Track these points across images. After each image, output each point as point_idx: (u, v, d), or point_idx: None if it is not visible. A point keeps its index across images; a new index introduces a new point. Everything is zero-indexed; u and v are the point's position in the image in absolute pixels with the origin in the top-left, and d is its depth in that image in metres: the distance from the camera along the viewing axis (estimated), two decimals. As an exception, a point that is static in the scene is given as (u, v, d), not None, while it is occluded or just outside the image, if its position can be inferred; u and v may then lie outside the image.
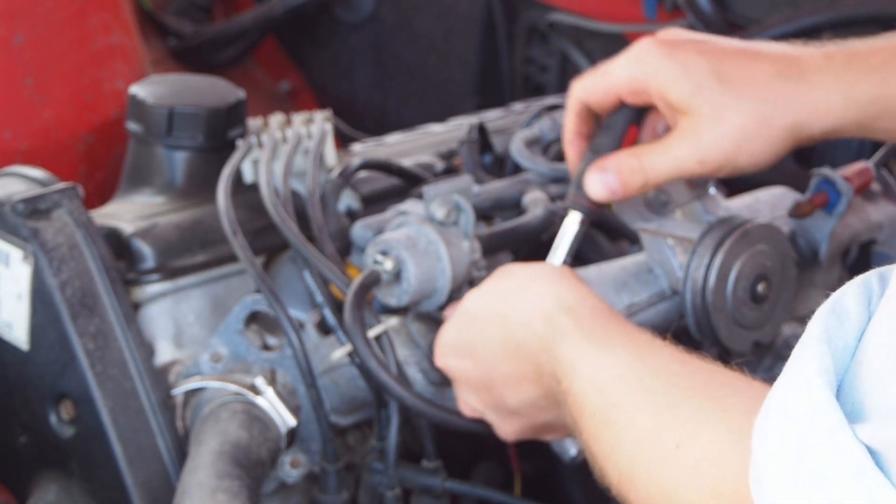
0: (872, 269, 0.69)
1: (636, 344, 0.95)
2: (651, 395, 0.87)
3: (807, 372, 0.65)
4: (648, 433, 0.85)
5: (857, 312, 0.66)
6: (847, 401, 0.63)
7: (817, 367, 0.64)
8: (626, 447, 0.87)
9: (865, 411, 0.63)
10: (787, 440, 0.64)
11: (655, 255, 1.20)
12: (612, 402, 0.90)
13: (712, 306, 1.15)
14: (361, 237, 1.23)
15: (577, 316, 1.00)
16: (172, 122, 1.29)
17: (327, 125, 1.34)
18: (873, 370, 0.63)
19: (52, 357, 1.15)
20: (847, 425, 0.62)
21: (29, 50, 1.66)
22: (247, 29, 2.21)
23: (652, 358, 0.93)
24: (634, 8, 1.78)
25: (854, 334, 0.66)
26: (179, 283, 1.23)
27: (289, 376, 1.20)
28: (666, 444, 0.82)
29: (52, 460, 1.19)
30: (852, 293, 0.67)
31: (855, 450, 0.61)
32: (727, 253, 1.14)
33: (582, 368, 0.95)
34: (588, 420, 0.92)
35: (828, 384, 0.64)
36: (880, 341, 0.64)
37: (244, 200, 1.26)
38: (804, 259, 1.26)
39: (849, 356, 0.65)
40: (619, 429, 0.88)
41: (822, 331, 0.66)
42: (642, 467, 0.84)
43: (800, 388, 0.65)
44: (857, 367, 0.65)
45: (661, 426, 0.84)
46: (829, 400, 0.63)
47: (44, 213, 1.16)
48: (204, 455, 1.06)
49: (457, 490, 1.21)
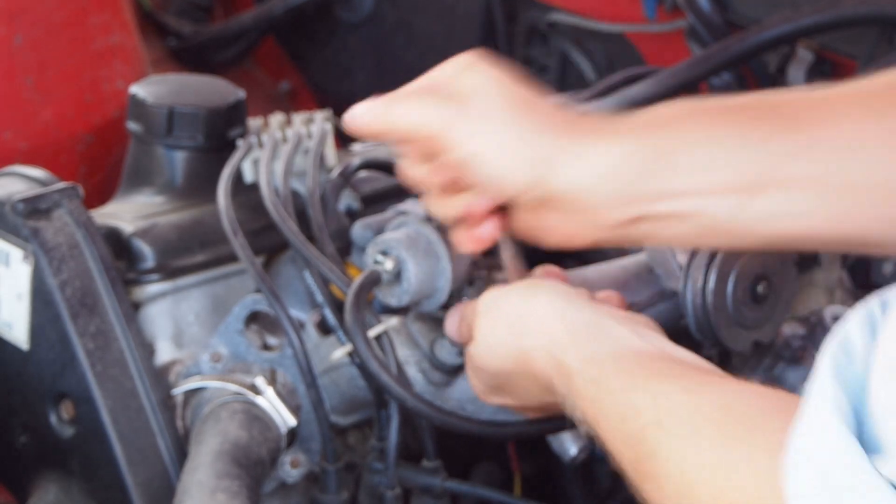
0: (873, 297, 0.69)
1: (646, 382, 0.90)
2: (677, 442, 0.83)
3: (822, 413, 0.66)
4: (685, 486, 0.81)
5: (862, 345, 0.67)
6: (868, 435, 0.64)
7: (831, 408, 0.65)
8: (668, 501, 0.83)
9: (883, 444, 0.64)
10: (813, 483, 0.65)
11: (655, 255, 1.20)
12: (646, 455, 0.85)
13: (712, 306, 1.15)
14: (361, 237, 1.23)
15: (584, 373, 0.95)
16: (172, 121, 1.29)
17: (327, 125, 1.34)
18: (881, 404, 0.64)
19: (53, 357, 1.15)
20: (868, 462, 0.63)
21: (29, 50, 1.66)
22: (247, 29, 2.21)
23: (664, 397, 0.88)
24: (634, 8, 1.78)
25: (863, 367, 0.67)
26: (179, 283, 1.23)
27: (289, 376, 1.20)
28: (704, 498, 0.78)
29: (52, 460, 1.19)
30: (856, 324, 0.68)
31: (879, 486, 0.62)
32: (727, 253, 1.14)
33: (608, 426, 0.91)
34: (632, 474, 0.87)
35: (843, 422, 0.65)
36: (883, 375, 0.65)
37: (244, 200, 1.26)
38: (804, 259, 1.26)
39: (861, 389, 0.66)
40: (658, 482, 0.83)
41: (831, 367, 0.67)
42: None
43: (817, 430, 0.66)
44: (869, 399, 0.65)
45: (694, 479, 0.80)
46: (847, 438, 0.64)
47: (44, 213, 1.16)
48: (204, 455, 1.06)
49: (457, 490, 1.21)
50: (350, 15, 2.22)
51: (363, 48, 2.22)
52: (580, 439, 1.19)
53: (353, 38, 2.23)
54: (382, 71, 2.22)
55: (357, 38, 2.23)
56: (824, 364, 0.67)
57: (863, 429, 0.65)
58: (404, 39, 2.17)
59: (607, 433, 0.91)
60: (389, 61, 2.20)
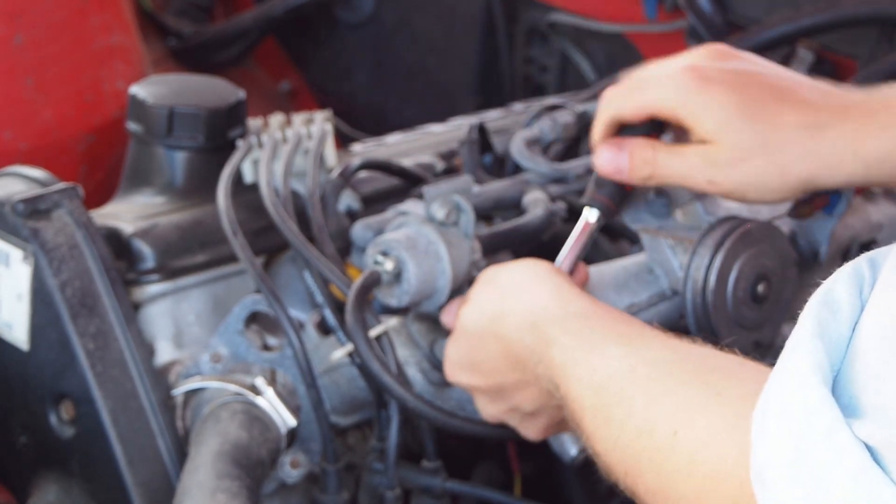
0: (861, 255, 0.68)
1: (625, 337, 0.97)
2: (645, 385, 0.88)
3: (801, 368, 0.65)
4: (647, 423, 0.85)
5: (848, 303, 0.66)
6: (843, 394, 0.63)
7: (811, 364, 0.64)
8: (627, 440, 0.87)
9: (862, 407, 0.63)
10: (786, 438, 0.64)
11: (656, 255, 1.20)
12: (610, 400, 0.91)
13: (712, 306, 1.15)
14: (361, 237, 1.23)
15: (563, 322, 1.02)
16: (172, 122, 1.29)
17: (327, 125, 1.34)
18: (868, 365, 0.63)
19: (53, 357, 1.15)
20: (845, 423, 0.61)
21: (29, 50, 1.66)
22: (247, 29, 2.21)
23: (643, 348, 0.94)
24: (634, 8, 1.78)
25: (847, 325, 0.65)
26: (179, 284, 1.23)
27: (289, 376, 1.20)
28: (664, 432, 0.83)
29: (53, 460, 1.19)
30: (843, 282, 0.67)
31: (854, 448, 0.61)
32: (727, 253, 1.14)
33: (575, 373, 0.97)
34: (589, 421, 0.93)
35: (823, 381, 0.63)
36: (874, 335, 0.64)
37: (244, 201, 1.26)
38: (804, 259, 1.26)
39: (843, 348, 0.65)
40: (618, 424, 0.89)
41: (814, 324, 0.66)
42: (645, 458, 0.84)
43: (795, 385, 0.65)
44: (852, 360, 0.64)
45: (658, 416, 0.85)
46: (825, 398, 0.63)
47: (44, 214, 1.16)
48: (204, 455, 1.06)
49: (457, 490, 1.21)
50: (350, 15, 2.22)
51: (363, 48, 2.23)
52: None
53: (354, 39, 2.24)
54: (382, 71, 2.22)
55: (357, 39, 2.23)
56: (807, 319, 0.66)
57: (840, 389, 0.64)
58: (404, 40, 2.18)
59: (572, 383, 0.96)
60: (389, 61, 2.21)
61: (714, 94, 1.07)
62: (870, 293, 0.66)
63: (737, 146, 1.06)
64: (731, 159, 1.06)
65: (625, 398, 0.89)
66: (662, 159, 1.09)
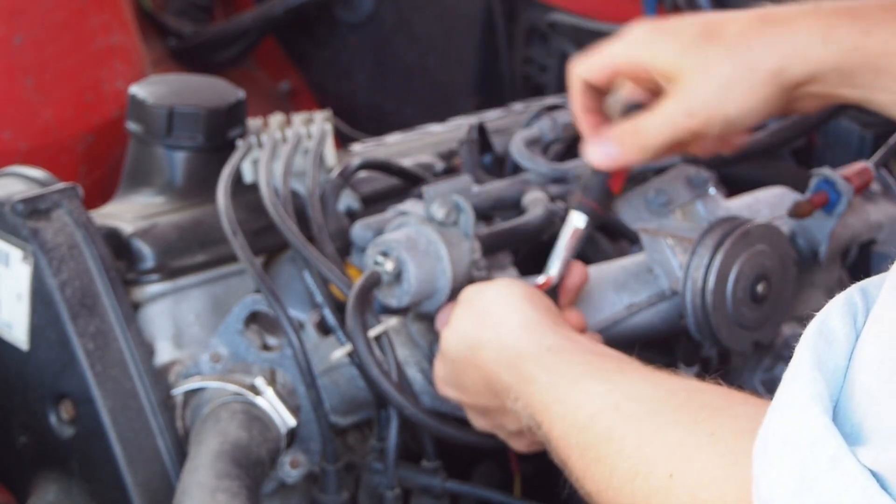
0: (852, 286, 0.68)
1: (605, 371, 0.96)
2: (635, 425, 0.87)
3: (802, 399, 0.64)
4: (641, 465, 0.84)
5: (843, 333, 0.66)
6: (844, 424, 0.63)
7: (811, 394, 0.64)
8: (620, 482, 0.86)
9: (864, 433, 0.62)
10: (790, 470, 0.64)
11: (655, 255, 1.20)
12: (598, 439, 0.90)
13: (712, 306, 1.15)
14: (361, 237, 1.23)
15: (539, 359, 1.01)
16: (172, 122, 1.29)
17: (327, 125, 1.34)
18: (868, 392, 0.63)
19: (52, 357, 1.15)
20: (848, 451, 0.61)
21: (29, 50, 1.66)
22: (247, 29, 2.21)
23: (624, 383, 0.92)
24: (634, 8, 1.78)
25: (843, 355, 0.65)
26: (179, 283, 1.23)
27: (288, 376, 1.20)
28: (659, 475, 0.82)
29: (52, 460, 1.19)
30: (837, 313, 0.67)
31: (859, 475, 0.60)
32: (727, 253, 1.14)
33: (558, 411, 0.96)
34: (576, 460, 0.92)
35: (824, 410, 0.63)
36: (871, 362, 0.64)
37: (244, 200, 1.26)
38: (804, 259, 1.26)
39: (841, 378, 0.65)
40: (610, 465, 0.87)
41: (811, 355, 0.66)
42: (641, 500, 0.83)
43: (796, 416, 0.64)
44: (851, 388, 0.64)
45: (652, 458, 0.83)
46: (828, 427, 0.62)
47: (44, 213, 1.16)
48: (204, 455, 1.06)
49: (457, 490, 1.21)
50: (350, 15, 2.22)
51: (363, 48, 2.22)
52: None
53: (353, 39, 2.24)
54: (382, 71, 2.22)
55: (357, 39, 2.23)
56: (803, 351, 0.66)
57: (841, 418, 0.64)
58: (404, 39, 2.18)
59: (555, 422, 0.95)
60: (389, 61, 2.21)
61: (669, 30, 1.09)
62: (864, 322, 0.66)
63: (699, 63, 1.06)
64: (697, 78, 1.06)
65: (614, 437, 0.88)
66: (643, 124, 1.09)
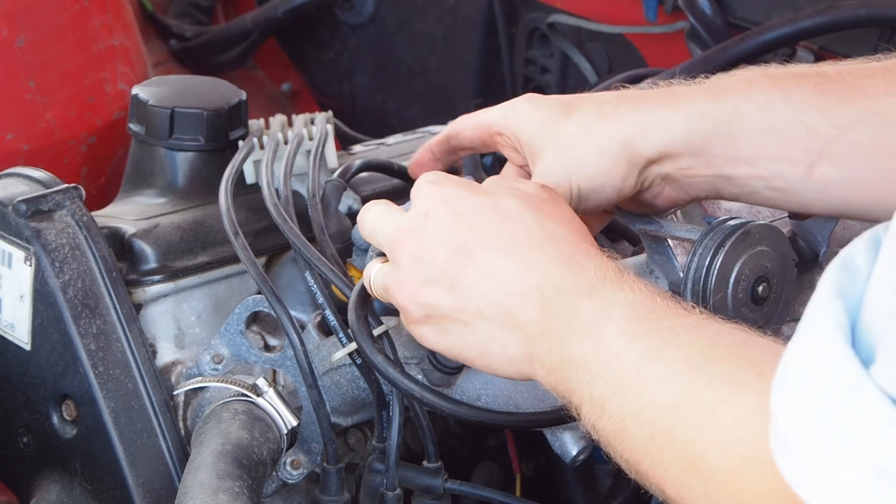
0: (877, 224, 0.68)
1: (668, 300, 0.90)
2: (689, 350, 0.82)
3: (823, 329, 0.64)
4: (686, 391, 0.80)
5: (866, 266, 0.66)
6: (862, 348, 0.63)
7: (833, 323, 0.64)
8: (661, 405, 0.81)
9: (879, 353, 0.62)
10: (809, 399, 0.64)
11: (656, 256, 1.20)
12: (646, 356, 0.84)
13: (712, 308, 1.15)
14: (362, 238, 1.23)
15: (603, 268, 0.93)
16: (174, 123, 1.29)
17: (328, 126, 1.34)
18: (885, 310, 0.63)
19: (55, 357, 1.15)
20: (867, 377, 0.61)
21: (31, 52, 1.66)
22: (248, 30, 2.21)
23: (686, 314, 0.88)
24: (635, 9, 1.78)
25: (865, 287, 0.65)
26: (181, 284, 1.23)
27: (290, 377, 1.20)
28: (703, 404, 0.78)
29: (55, 460, 1.19)
30: (861, 248, 0.67)
31: (879, 401, 0.60)
32: (727, 254, 1.14)
33: (613, 314, 0.88)
34: (612, 374, 0.86)
35: (845, 339, 0.63)
36: (886, 284, 0.64)
37: (245, 201, 1.26)
38: (804, 260, 1.26)
39: (860, 307, 0.65)
40: (653, 385, 0.82)
41: (833, 287, 0.65)
42: (679, 428, 0.79)
43: (817, 345, 0.64)
44: (866, 311, 0.64)
45: (699, 385, 0.79)
46: (849, 355, 0.62)
47: (46, 214, 1.16)
48: (205, 455, 1.06)
49: (458, 490, 1.21)
50: (351, 16, 2.22)
51: (364, 50, 2.23)
52: (581, 439, 1.19)
53: (355, 40, 2.24)
54: (383, 72, 2.22)
55: (358, 40, 2.23)
56: (824, 285, 0.66)
57: (857, 342, 0.63)
58: (405, 41, 2.18)
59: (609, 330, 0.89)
60: (390, 63, 2.21)
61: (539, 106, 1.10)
62: None
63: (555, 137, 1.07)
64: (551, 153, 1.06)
65: (663, 359, 0.83)
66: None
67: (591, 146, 1.05)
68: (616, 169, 1.05)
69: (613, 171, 1.05)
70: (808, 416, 0.64)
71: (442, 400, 1.09)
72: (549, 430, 1.21)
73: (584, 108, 1.07)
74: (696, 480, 0.78)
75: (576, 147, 1.06)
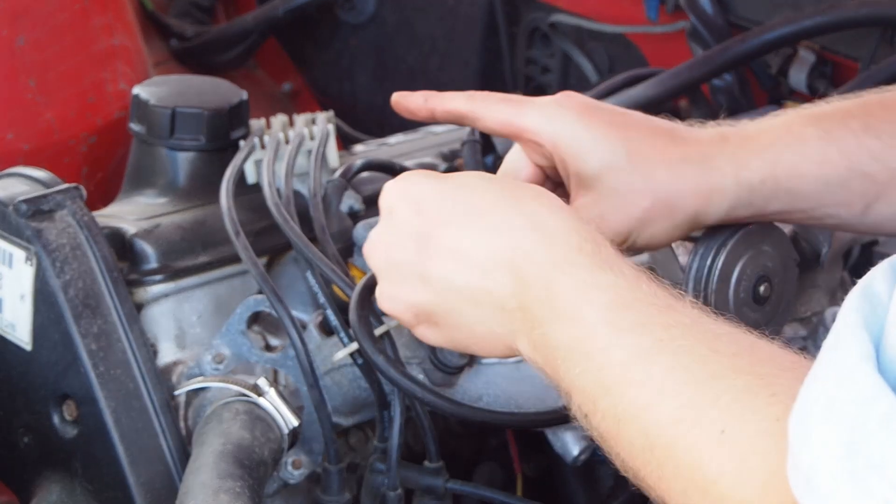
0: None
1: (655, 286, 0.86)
2: (688, 359, 0.77)
3: (851, 360, 0.62)
4: (690, 408, 0.75)
5: (888, 295, 0.64)
6: (888, 376, 0.61)
7: (860, 354, 0.62)
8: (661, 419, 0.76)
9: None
10: (837, 434, 0.61)
11: (657, 256, 1.20)
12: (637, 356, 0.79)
13: (714, 308, 1.15)
14: (364, 238, 1.23)
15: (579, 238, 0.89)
16: (175, 122, 1.29)
17: (329, 126, 1.34)
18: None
19: (55, 357, 1.15)
20: None
21: (31, 51, 1.66)
22: (249, 30, 2.21)
23: (677, 306, 0.83)
24: (636, 9, 1.78)
25: (885, 317, 0.63)
26: (182, 284, 1.23)
27: (291, 377, 1.20)
28: (712, 427, 0.74)
29: (55, 461, 1.19)
30: (880, 277, 0.65)
31: None
32: (729, 254, 1.14)
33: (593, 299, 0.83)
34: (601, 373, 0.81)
35: (874, 369, 0.61)
36: None
37: (247, 201, 1.26)
38: (806, 260, 1.26)
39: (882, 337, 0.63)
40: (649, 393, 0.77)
41: (857, 317, 0.64)
42: (684, 449, 0.75)
43: (844, 377, 0.62)
44: (888, 341, 0.62)
45: (705, 403, 0.74)
46: (880, 385, 0.60)
47: (47, 214, 1.16)
48: (206, 455, 1.06)
49: (459, 490, 1.21)
50: (352, 16, 2.22)
51: (365, 49, 2.23)
52: (583, 440, 1.19)
53: (355, 40, 2.24)
54: (384, 72, 2.22)
55: (359, 40, 2.23)
56: (848, 314, 0.64)
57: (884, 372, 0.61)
58: (406, 41, 2.18)
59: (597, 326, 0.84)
60: (391, 62, 2.21)
61: (597, 131, 1.01)
62: None
63: (622, 188, 1.01)
64: (617, 204, 1.01)
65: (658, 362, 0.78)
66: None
67: (660, 214, 1.02)
68: (680, 234, 1.06)
69: (677, 235, 1.06)
70: (837, 452, 0.61)
71: (443, 400, 1.09)
72: (550, 430, 1.21)
73: (650, 161, 1.01)
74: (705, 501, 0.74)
75: (644, 210, 1.01)
